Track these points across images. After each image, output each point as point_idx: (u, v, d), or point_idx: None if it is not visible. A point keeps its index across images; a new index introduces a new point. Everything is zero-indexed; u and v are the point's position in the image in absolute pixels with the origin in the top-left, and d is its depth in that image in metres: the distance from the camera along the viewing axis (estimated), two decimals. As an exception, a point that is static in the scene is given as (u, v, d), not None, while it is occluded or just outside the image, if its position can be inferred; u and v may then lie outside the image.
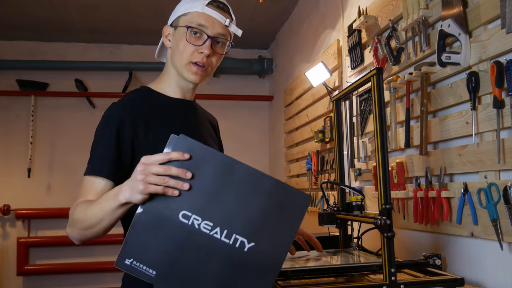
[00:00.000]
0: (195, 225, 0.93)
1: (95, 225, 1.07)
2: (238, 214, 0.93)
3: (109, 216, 1.04)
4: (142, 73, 4.51)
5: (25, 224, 4.26)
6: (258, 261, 0.94)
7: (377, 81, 1.35)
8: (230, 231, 0.93)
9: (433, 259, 1.51)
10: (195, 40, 1.23)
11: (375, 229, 1.36)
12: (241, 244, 0.94)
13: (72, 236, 1.16)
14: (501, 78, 1.28)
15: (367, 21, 2.10)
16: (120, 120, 1.19)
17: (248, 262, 0.94)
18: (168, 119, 1.26)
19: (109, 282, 4.18)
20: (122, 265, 0.94)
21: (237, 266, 0.94)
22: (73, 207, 1.14)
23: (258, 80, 4.83)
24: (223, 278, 0.94)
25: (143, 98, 1.27)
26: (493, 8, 1.34)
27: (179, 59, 1.25)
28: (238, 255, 0.93)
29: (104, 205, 1.04)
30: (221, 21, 1.24)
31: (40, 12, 3.78)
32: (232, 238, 0.93)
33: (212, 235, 0.93)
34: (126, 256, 0.94)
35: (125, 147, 1.18)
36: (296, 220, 0.95)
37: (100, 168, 1.16)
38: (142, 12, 3.77)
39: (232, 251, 0.93)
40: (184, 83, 1.30)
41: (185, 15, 1.25)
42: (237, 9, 3.79)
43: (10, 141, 4.34)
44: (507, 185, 1.27)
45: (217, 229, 0.93)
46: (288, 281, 1.37)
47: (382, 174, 1.31)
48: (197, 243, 0.93)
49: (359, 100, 2.24)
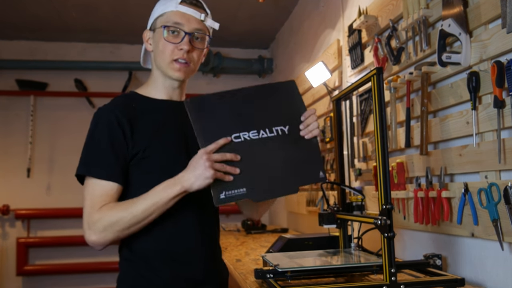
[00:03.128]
0: (247, 138, 1.21)
1: (142, 220, 1.15)
2: (264, 116, 1.25)
3: (161, 208, 1.15)
4: (142, 73, 4.52)
5: (24, 224, 4.26)
6: (299, 136, 1.26)
7: (377, 81, 1.35)
8: (269, 127, 1.24)
9: (433, 259, 1.51)
10: (173, 38, 1.26)
11: (375, 229, 1.36)
12: (282, 131, 1.25)
13: (101, 242, 1.18)
14: (502, 78, 1.28)
15: (367, 20, 2.10)
16: (109, 122, 1.23)
17: (294, 140, 1.25)
18: (151, 121, 1.28)
19: (109, 282, 4.17)
20: (220, 201, 1.16)
21: (290, 147, 1.25)
22: (98, 214, 1.16)
23: (258, 80, 4.83)
24: (286, 163, 1.24)
25: (128, 101, 1.31)
26: (493, 7, 1.33)
27: (161, 59, 1.28)
28: (286, 139, 1.25)
29: (156, 198, 1.14)
30: (196, 17, 1.28)
31: (40, 12, 3.77)
32: (274, 130, 1.25)
33: (262, 136, 1.23)
34: (219, 193, 1.16)
35: (119, 146, 1.22)
36: (293, 99, 1.30)
37: (104, 171, 1.19)
38: (142, 12, 3.75)
39: (280, 138, 1.25)
40: (169, 84, 1.33)
41: (161, 16, 1.29)
42: (237, 9, 3.80)
43: (10, 141, 4.33)
44: (508, 185, 1.27)
45: (261, 131, 1.23)
46: (288, 281, 1.37)
47: (383, 174, 1.30)
48: (257, 149, 1.22)
49: (359, 100, 2.24)
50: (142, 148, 1.23)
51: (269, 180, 1.22)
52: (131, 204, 1.15)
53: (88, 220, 1.17)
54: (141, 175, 1.24)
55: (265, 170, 1.22)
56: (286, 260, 1.47)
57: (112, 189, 1.19)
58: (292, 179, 1.24)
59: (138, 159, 1.23)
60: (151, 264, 1.22)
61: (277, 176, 1.23)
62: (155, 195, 1.14)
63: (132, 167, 1.24)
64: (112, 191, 1.19)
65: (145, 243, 1.23)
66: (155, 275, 1.22)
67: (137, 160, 1.23)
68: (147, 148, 1.23)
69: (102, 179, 1.19)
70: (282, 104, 1.28)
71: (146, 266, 1.22)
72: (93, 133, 1.25)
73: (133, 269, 1.24)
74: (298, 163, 1.25)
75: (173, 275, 1.23)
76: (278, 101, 1.28)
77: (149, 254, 1.23)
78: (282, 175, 1.24)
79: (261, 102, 1.27)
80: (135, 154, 1.23)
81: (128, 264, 1.26)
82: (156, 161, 1.24)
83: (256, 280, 1.44)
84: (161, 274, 1.22)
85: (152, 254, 1.23)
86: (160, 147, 1.26)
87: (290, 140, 1.25)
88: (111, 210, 1.15)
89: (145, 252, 1.23)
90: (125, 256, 1.27)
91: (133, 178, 1.24)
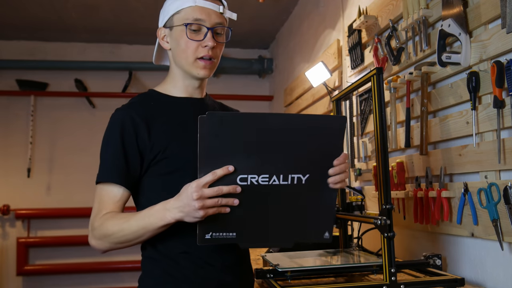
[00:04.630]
0: (254, 183, 1.02)
1: (133, 240, 1.12)
2: (286, 157, 1.03)
3: (151, 233, 1.09)
4: (142, 73, 4.51)
5: (24, 224, 4.26)
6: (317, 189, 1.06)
7: (377, 81, 1.35)
8: (285, 173, 1.03)
9: (433, 259, 1.51)
10: (196, 36, 1.21)
11: (375, 229, 1.36)
12: (298, 180, 1.04)
13: (100, 248, 1.18)
14: (502, 78, 1.28)
15: (367, 21, 2.10)
16: (122, 124, 1.19)
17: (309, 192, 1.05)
18: (170, 119, 1.24)
19: (109, 282, 4.17)
20: (204, 240, 1.03)
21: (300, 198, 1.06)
22: (98, 221, 1.14)
23: (258, 80, 4.83)
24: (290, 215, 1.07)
25: (146, 100, 1.27)
26: (493, 8, 1.33)
27: (183, 57, 1.23)
28: (299, 189, 1.05)
29: (146, 222, 1.08)
30: (216, 10, 1.22)
31: (40, 12, 3.77)
32: (289, 178, 1.04)
33: (272, 183, 1.03)
34: (205, 232, 1.03)
35: (131, 150, 1.18)
36: (337, 141, 1.06)
37: (112, 175, 1.17)
38: (142, 11, 3.77)
39: (293, 188, 1.04)
40: (190, 82, 1.28)
41: (178, 13, 1.22)
42: (237, 9, 3.78)
43: (10, 141, 4.34)
44: (508, 185, 1.27)
45: (274, 177, 1.03)
46: (288, 281, 1.37)
47: (383, 174, 1.30)
48: (261, 196, 1.03)
49: (359, 100, 2.24)
50: (162, 149, 1.19)
51: (264, 229, 1.07)
52: (125, 221, 1.11)
53: (91, 224, 1.16)
54: (162, 176, 1.20)
55: (263, 219, 1.06)
56: (286, 260, 1.47)
57: (118, 195, 1.17)
58: (291, 232, 1.09)
59: (158, 160, 1.19)
60: (178, 263, 1.19)
61: (275, 227, 1.07)
62: (146, 218, 1.08)
63: (152, 168, 1.20)
64: (117, 197, 1.17)
65: (171, 242, 1.20)
66: (181, 274, 1.18)
67: (157, 160, 1.19)
68: (167, 148, 1.19)
69: (109, 184, 1.17)
70: (317, 147, 1.04)
71: (173, 264, 1.19)
72: (104, 137, 1.22)
73: (158, 267, 1.21)
74: (304, 217, 1.08)
75: (199, 275, 1.19)
76: (315, 142, 1.04)
77: (175, 253, 1.19)
78: (281, 227, 1.08)
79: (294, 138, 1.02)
80: (155, 155, 1.19)
81: (153, 262, 1.22)
82: (176, 162, 1.19)
83: (256, 280, 1.44)
84: (188, 273, 1.18)
85: (179, 253, 1.19)
86: (179, 147, 1.20)
87: (304, 190, 1.05)
88: (108, 221, 1.13)
89: (172, 252, 1.20)
90: (149, 254, 1.23)
91: (153, 179, 1.21)
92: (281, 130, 1.01)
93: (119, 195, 1.17)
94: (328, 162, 1.06)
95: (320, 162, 1.05)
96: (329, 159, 1.06)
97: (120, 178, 1.17)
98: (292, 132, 1.02)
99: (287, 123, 1.03)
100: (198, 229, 1.03)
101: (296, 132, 1.02)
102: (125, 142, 1.18)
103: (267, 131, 1.01)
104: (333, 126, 1.04)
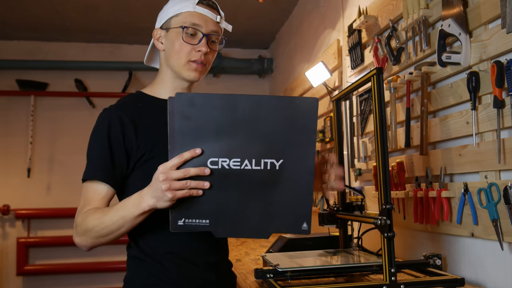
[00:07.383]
0: (225, 166, 0.99)
1: (114, 231, 1.11)
2: (258, 141, 0.99)
3: (129, 223, 1.09)
4: (142, 73, 4.52)
5: (24, 224, 4.26)
6: (292, 176, 1.01)
7: (377, 81, 1.35)
8: (258, 158, 1.00)
9: (433, 259, 1.51)
10: (191, 39, 1.25)
11: (375, 229, 1.36)
12: (272, 165, 1.00)
13: (83, 245, 1.18)
14: (502, 78, 1.28)
15: (367, 21, 2.10)
16: (109, 124, 1.21)
17: (284, 179, 1.01)
18: (157, 120, 1.25)
19: (109, 282, 4.17)
20: (177, 227, 1.01)
21: (275, 186, 1.02)
22: (80, 216, 1.15)
23: (258, 80, 4.83)
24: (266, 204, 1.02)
25: (134, 101, 1.29)
26: (493, 8, 1.33)
27: (176, 59, 1.26)
28: (273, 176, 1.01)
29: (124, 212, 1.08)
30: (213, 18, 1.27)
31: (40, 12, 3.77)
32: (261, 163, 1.00)
33: (244, 168, 0.99)
34: (177, 218, 1.01)
35: (117, 149, 1.20)
36: (310, 125, 1.01)
37: (97, 173, 1.19)
38: (142, 11, 3.76)
39: (266, 174, 1.00)
40: (179, 84, 1.31)
41: (177, 16, 1.26)
42: (237, 9, 3.80)
43: (10, 141, 4.34)
44: (508, 185, 1.27)
45: (246, 161, 0.99)
46: (288, 281, 1.37)
47: (382, 174, 1.30)
48: (234, 181, 1.00)
49: (359, 100, 2.24)
50: (148, 149, 1.21)
51: (239, 218, 1.03)
52: (105, 213, 1.12)
53: (75, 221, 1.17)
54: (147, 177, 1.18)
55: (237, 206, 1.02)
56: (286, 260, 1.47)
57: (102, 192, 1.18)
58: (267, 223, 1.04)
59: (144, 161, 1.21)
60: (163, 264, 1.21)
61: (250, 217, 1.03)
62: (124, 208, 1.09)
63: (137, 168, 1.22)
64: (101, 194, 1.18)
65: (155, 243, 1.22)
66: (166, 275, 1.20)
67: (143, 161, 1.21)
68: (153, 149, 1.21)
69: (95, 181, 1.18)
70: (290, 130, 1.00)
71: (158, 265, 1.21)
72: (91, 136, 1.25)
73: (143, 268, 1.22)
74: (280, 207, 1.03)
75: (184, 275, 1.21)
76: (288, 124, 1.00)
77: (159, 254, 1.21)
78: (256, 217, 1.03)
79: (265, 120, 0.99)
80: (142, 155, 1.21)
81: (138, 263, 1.24)
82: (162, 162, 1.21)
83: (256, 280, 1.44)
84: (172, 274, 1.20)
85: (163, 254, 1.21)
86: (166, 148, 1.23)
87: (278, 177, 1.01)
88: (89, 216, 1.13)
89: (156, 252, 1.22)
90: (134, 254, 1.25)
91: (138, 180, 1.21)
92: (252, 111, 0.99)
93: (103, 192, 1.18)
94: (304, 147, 1.01)
95: (295, 147, 1.01)
96: (304, 144, 1.01)
97: (105, 176, 1.18)
98: (263, 114, 0.99)
99: (258, 104, 0.99)
100: (170, 215, 1.01)
101: (267, 113, 0.99)
102: (112, 141, 1.20)
103: (238, 113, 0.98)
104: (306, 108, 1.00)
